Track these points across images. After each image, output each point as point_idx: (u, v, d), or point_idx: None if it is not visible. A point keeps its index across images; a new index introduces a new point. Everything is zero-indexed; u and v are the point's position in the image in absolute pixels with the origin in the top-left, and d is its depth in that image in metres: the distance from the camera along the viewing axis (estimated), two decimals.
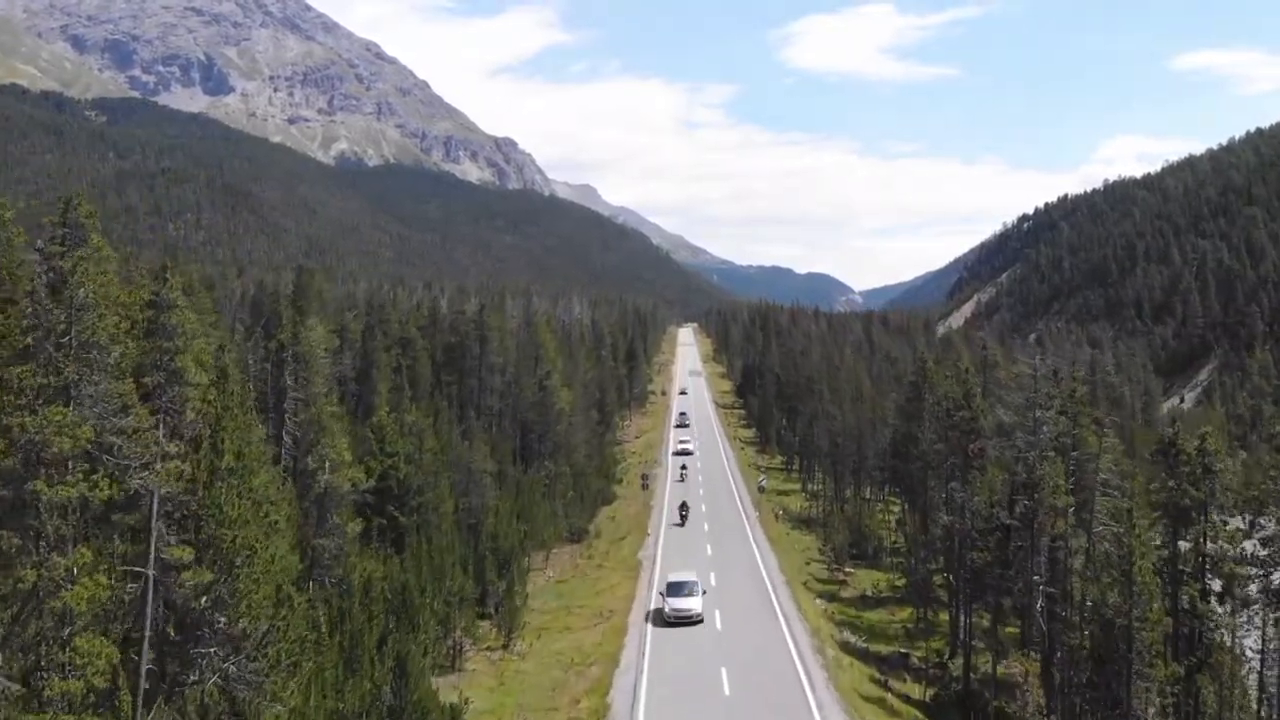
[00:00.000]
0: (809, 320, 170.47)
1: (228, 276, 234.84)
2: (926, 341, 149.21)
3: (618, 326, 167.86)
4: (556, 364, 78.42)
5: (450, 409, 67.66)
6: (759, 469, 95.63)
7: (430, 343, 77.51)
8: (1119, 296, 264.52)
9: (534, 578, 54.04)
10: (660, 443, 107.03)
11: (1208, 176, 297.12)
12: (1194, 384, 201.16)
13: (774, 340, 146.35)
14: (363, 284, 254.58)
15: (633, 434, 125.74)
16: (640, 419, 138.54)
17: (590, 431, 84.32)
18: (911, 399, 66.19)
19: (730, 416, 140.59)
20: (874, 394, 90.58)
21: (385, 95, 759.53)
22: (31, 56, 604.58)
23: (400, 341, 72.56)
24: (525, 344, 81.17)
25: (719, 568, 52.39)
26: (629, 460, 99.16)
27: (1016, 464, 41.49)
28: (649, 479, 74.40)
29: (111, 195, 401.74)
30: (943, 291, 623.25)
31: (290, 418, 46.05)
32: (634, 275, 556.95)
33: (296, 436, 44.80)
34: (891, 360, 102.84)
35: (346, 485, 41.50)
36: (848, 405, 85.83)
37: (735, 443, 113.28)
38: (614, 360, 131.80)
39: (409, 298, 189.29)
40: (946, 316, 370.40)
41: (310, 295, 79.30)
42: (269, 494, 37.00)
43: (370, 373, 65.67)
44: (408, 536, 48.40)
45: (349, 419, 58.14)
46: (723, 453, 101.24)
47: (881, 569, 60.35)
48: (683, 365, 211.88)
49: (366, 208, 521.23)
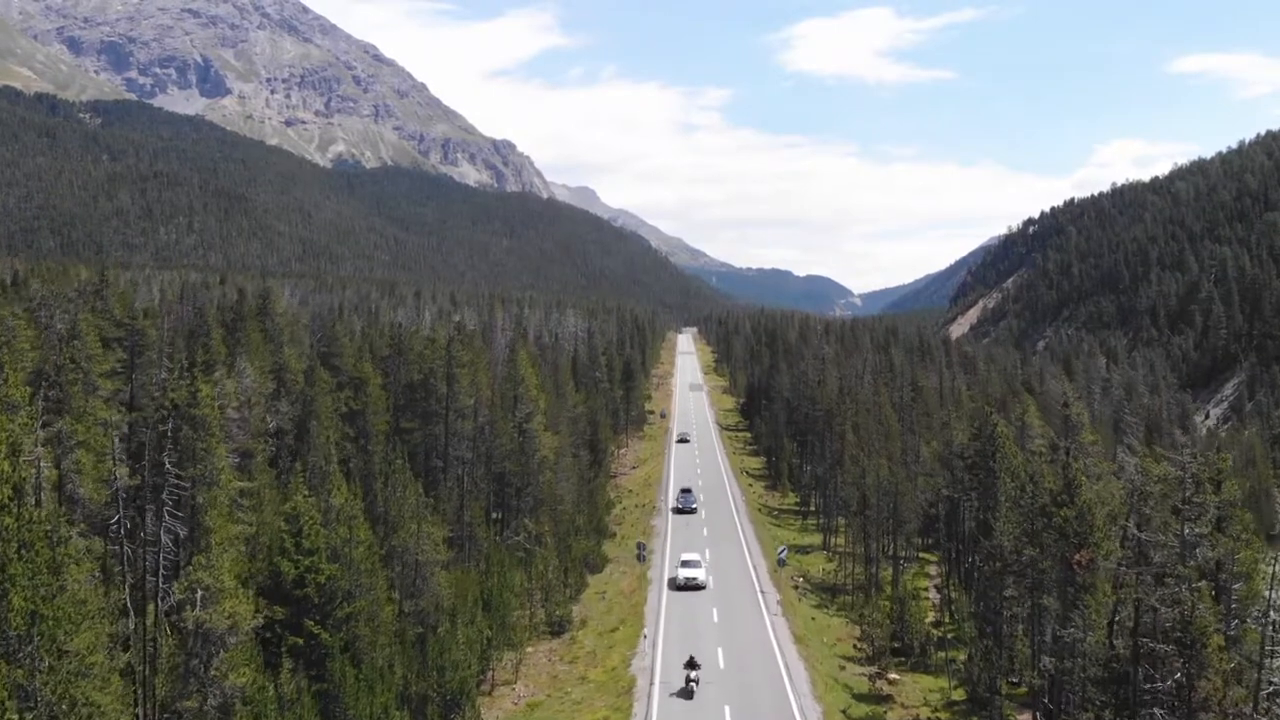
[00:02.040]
0: (818, 334, 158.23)
1: (209, 284, 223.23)
2: (949, 360, 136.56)
3: (615, 347, 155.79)
4: (540, 403, 66.40)
5: (408, 465, 55.83)
6: (772, 517, 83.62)
7: (391, 380, 65.51)
8: (1132, 304, 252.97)
9: (499, 700, 42.11)
10: (659, 479, 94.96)
11: (1219, 180, 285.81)
12: (1219, 399, 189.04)
13: (782, 359, 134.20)
14: (350, 292, 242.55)
15: (629, 462, 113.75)
16: (638, 443, 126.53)
17: (579, 477, 72.30)
18: (974, 466, 53.80)
19: (734, 441, 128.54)
20: (901, 431, 78.67)
21: (383, 97, 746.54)
22: (27, 59, 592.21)
23: (352, 383, 60.58)
24: (504, 381, 69.11)
25: (734, 685, 40.61)
26: (624, 501, 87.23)
27: (1148, 587, 29.60)
28: (645, 549, 62.55)
29: (103, 198, 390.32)
30: (944, 294, 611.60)
31: (170, 514, 34.16)
32: (632, 279, 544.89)
33: (169, 547, 32.86)
34: (917, 390, 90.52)
35: (225, 623, 29.52)
36: (875, 444, 73.87)
37: (742, 476, 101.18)
38: (609, 381, 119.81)
39: (393, 310, 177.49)
40: (951, 322, 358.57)
41: (249, 323, 67.20)
42: (95, 662, 25.25)
43: (309, 425, 53.63)
44: (330, 661, 36.56)
45: (272, 493, 46.16)
46: (729, 492, 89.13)
47: (931, 672, 48.39)
48: (682, 378, 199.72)
49: (362, 211, 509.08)
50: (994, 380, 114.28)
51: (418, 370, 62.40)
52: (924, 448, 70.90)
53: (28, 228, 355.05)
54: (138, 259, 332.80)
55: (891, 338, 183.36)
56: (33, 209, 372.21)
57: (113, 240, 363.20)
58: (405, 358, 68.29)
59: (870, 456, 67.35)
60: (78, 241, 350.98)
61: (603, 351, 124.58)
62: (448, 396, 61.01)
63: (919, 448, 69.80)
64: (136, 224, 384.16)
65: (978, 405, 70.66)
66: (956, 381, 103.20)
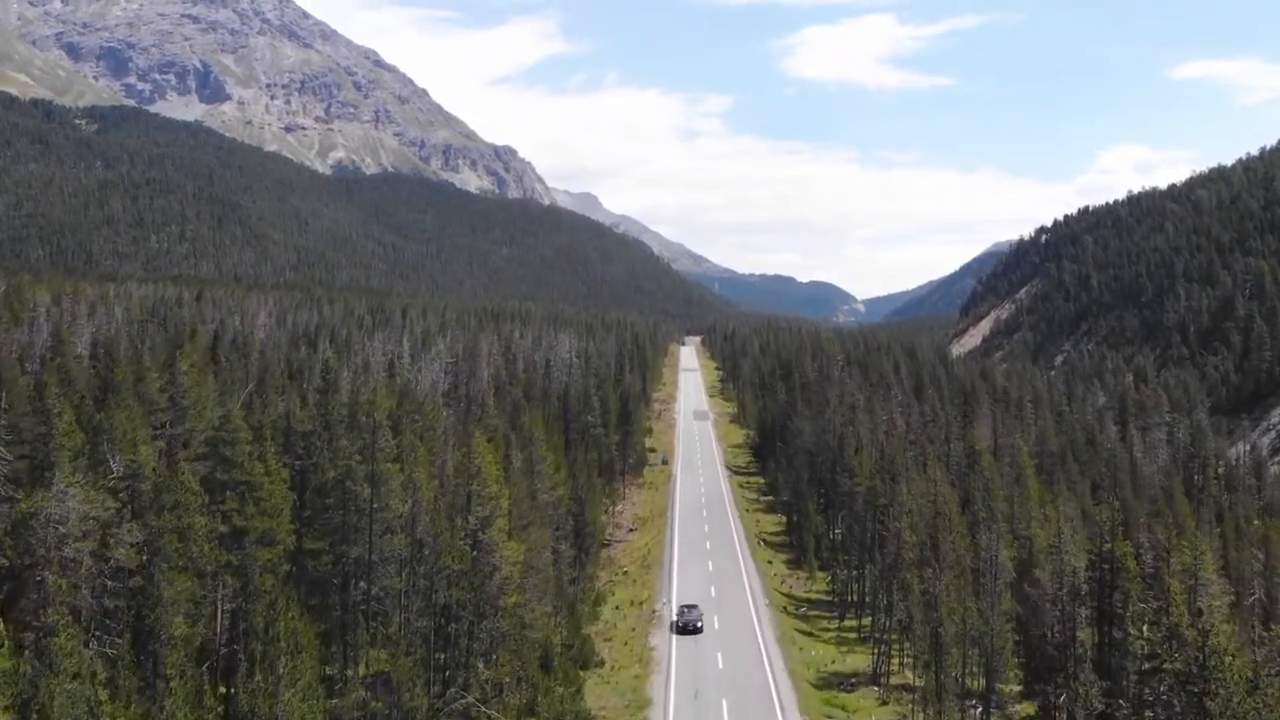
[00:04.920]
0: (837, 365, 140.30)
1: (183, 299, 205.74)
2: (991, 394, 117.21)
3: (612, 374, 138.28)
4: (503, 500, 49.02)
5: (308, 613, 38.59)
6: (800, 617, 66.07)
7: (301, 479, 48.25)
8: (1157, 319, 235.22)
9: None
10: (660, 559, 77.45)
11: (1243, 188, 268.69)
12: (1265, 426, 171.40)
13: (798, 394, 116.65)
14: (336, 307, 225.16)
15: (627, 520, 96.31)
16: (636, 492, 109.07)
17: (555, 594, 54.84)
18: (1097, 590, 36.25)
19: (746, 490, 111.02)
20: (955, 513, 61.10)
21: (384, 103, 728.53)
22: (25, 64, 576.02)
23: (242, 488, 43.21)
24: (454, 477, 51.50)
25: None
26: (617, 592, 69.85)
27: None
28: None
29: (93, 206, 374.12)
30: (947, 300, 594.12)
31: None
32: (634, 286, 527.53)
33: None
34: (973, 457, 72.82)
35: None
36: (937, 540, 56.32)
37: (758, 547, 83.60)
38: (604, 426, 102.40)
39: (375, 332, 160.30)
40: (962, 334, 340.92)
41: (124, 392, 49.85)
42: None
43: (154, 565, 36.30)
44: None
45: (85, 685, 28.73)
46: (744, 578, 71.55)
47: None
48: (686, 403, 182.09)
49: (360, 218, 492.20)
50: (1049, 430, 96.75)
51: (332, 467, 45.04)
52: (1003, 552, 53.42)
53: (16, 236, 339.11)
54: (126, 268, 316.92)
55: (910, 360, 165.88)
56: (21, 217, 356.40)
57: (103, 249, 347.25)
58: (330, 439, 50.94)
59: (936, 572, 49.84)
60: (67, 250, 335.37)
61: (597, 389, 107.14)
62: (371, 503, 43.75)
63: (997, 551, 52.53)
64: (127, 232, 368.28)
65: (1094, 518, 53.17)
66: (1012, 435, 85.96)
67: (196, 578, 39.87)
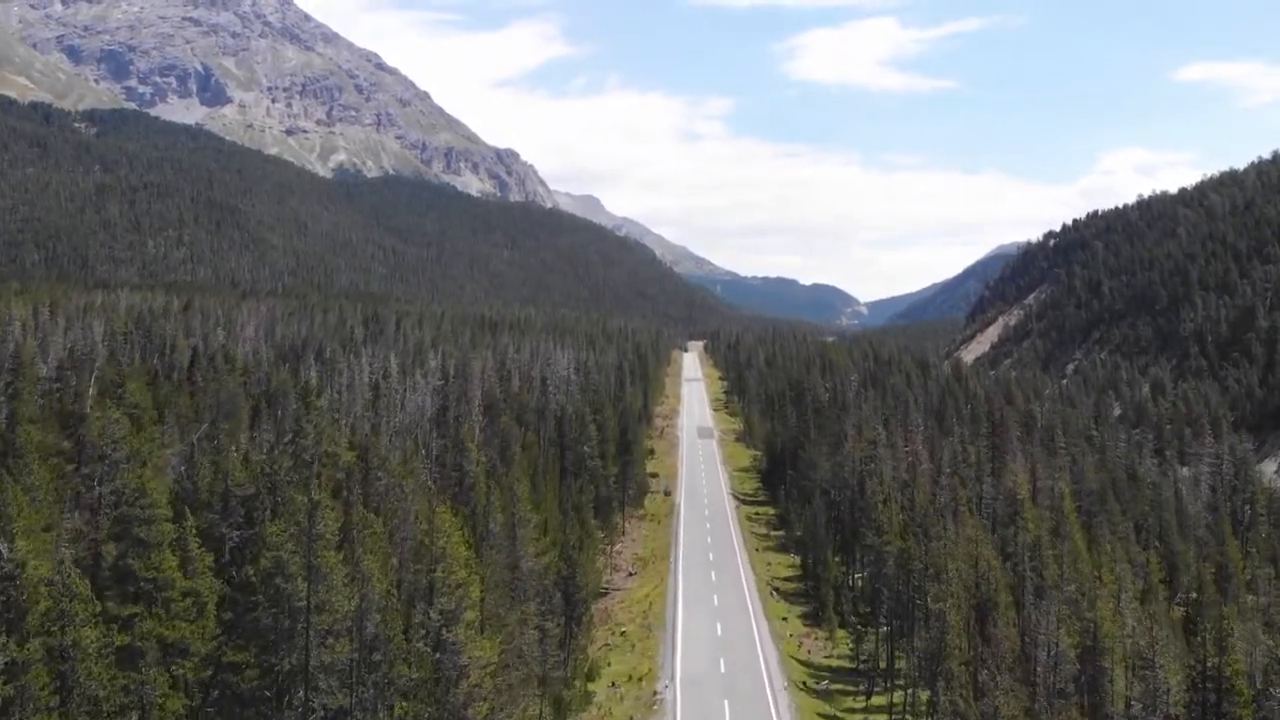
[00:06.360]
0: (852, 386, 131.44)
1: (170, 309, 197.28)
2: (1021, 421, 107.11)
3: (613, 390, 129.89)
4: (473, 589, 40.43)
5: None
6: (823, 695, 57.51)
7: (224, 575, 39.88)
8: (1173, 328, 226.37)
9: None
10: (662, 618, 68.87)
11: (1258, 193, 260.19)
12: None
13: (811, 420, 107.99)
14: (330, 316, 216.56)
15: (626, 563, 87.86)
16: (637, 526, 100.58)
17: (539, 683, 46.37)
18: None
19: (755, 524, 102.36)
20: (1002, 584, 52.74)
21: (385, 106, 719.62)
22: (25, 67, 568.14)
23: (157, 588, 34.90)
24: (413, 564, 42.63)
25: None
26: (613, 661, 61.42)
27: None
28: None
29: (90, 210, 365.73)
30: (951, 303, 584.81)
31: None
32: (636, 290, 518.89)
33: None
34: (1015, 506, 64.18)
35: None
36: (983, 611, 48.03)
37: (771, 601, 74.95)
38: (601, 458, 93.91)
39: (364, 348, 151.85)
40: (969, 340, 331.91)
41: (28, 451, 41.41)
42: None
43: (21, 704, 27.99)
44: None
45: None
46: (758, 644, 62.98)
47: None
48: (689, 419, 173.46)
49: (361, 221, 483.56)
50: (1088, 467, 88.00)
51: (263, 556, 36.65)
52: (1064, 639, 44.88)
53: (12, 241, 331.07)
54: (122, 274, 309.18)
55: (923, 376, 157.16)
56: (18, 221, 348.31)
57: (99, 254, 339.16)
58: (274, 506, 42.51)
59: (992, 671, 41.36)
60: (63, 255, 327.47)
61: (594, 415, 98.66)
62: (308, 602, 35.35)
63: (1057, 637, 44.03)
64: (124, 237, 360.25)
65: (1151, 583, 44.61)
66: (1051, 475, 77.45)
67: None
